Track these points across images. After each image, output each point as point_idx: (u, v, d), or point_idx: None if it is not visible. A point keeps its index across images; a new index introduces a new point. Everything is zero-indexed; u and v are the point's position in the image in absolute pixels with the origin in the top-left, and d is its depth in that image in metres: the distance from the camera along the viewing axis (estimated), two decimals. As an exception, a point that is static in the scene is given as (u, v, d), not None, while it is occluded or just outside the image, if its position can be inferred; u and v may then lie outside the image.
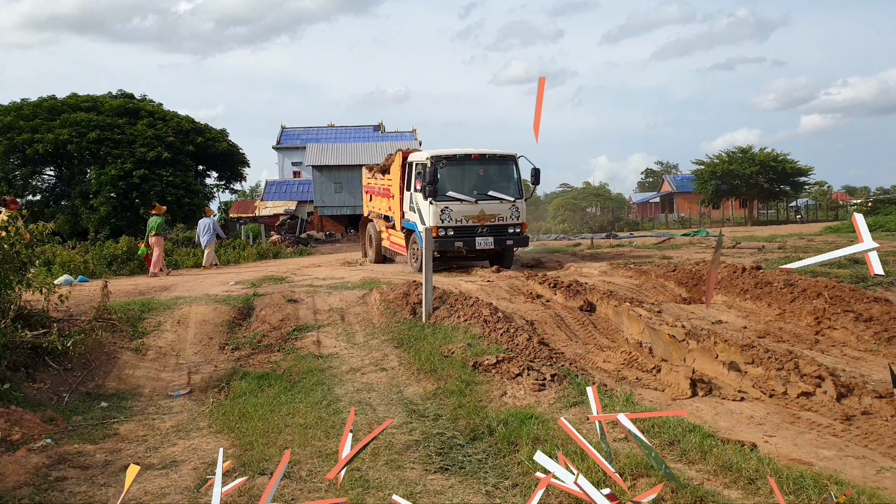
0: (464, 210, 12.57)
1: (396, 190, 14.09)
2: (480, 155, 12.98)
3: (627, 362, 6.95)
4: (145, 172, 28.37)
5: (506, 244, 12.97)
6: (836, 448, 4.60)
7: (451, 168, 12.70)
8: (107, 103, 31.19)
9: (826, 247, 15.16)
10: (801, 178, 45.24)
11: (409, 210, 13.44)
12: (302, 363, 7.57)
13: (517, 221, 13.02)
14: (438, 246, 12.20)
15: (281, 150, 56.46)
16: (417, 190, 12.91)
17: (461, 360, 6.84)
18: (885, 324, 7.72)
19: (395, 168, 14.20)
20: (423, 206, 12.64)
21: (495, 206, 12.78)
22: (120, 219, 28.87)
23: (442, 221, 12.43)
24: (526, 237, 13.44)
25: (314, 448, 5.10)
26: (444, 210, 12.46)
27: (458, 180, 12.80)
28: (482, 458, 4.83)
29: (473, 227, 12.70)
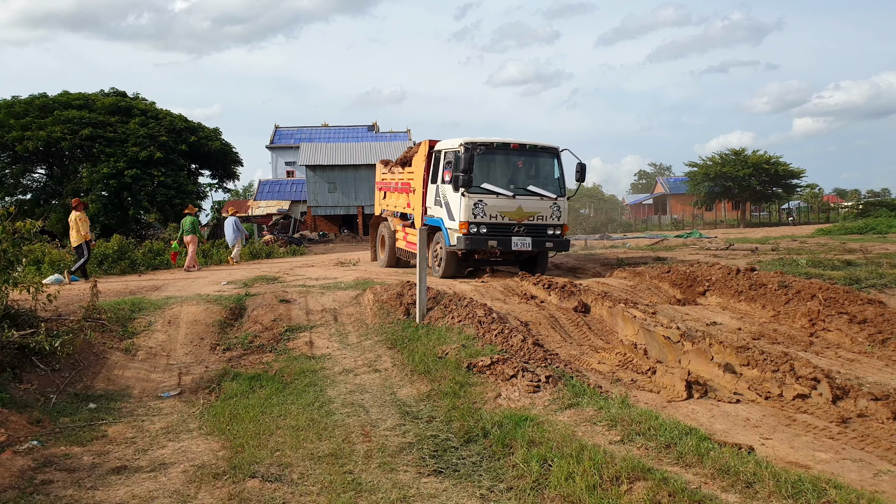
0: (499, 205, 11.22)
1: (419, 183, 12.73)
2: (520, 145, 11.62)
3: (622, 364, 6.91)
4: (137, 172, 28.17)
5: (544, 246, 11.56)
6: (833, 451, 4.56)
7: (487, 158, 11.39)
8: (99, 101, 30.94)
9: (819, 248, 15.20)
10: (794, 180, 45.49)
11: (435, 205, 12.09)
12: (294, 364, 7.49)
13: (558, 222, 11.68)
14: (469, 244, 11.06)
15: (274, 150, 56.32)
16: (446, 182, 11.58)
17: (455, 361, 6.78)
18: (879, 325, 7.72)
19: (420, 159, 12.86)
20: (453, 199, 11.30)
21: (535, 204, 11.47)
22: (110, 218, 28.65)
23: (474, 217, 11.06)
24: (567, 240, 12.03)
25: (306, 450, 5.03)
26: (478, 204, 11.09)
27: (494, 172, 11.51)
28: (476, 461, 4.77)
29: (509, 225, 11.32)
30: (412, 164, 13.33)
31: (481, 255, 11.70)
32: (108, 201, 28.35)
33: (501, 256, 11.90)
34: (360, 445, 5.15)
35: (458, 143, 11.28)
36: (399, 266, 14.27)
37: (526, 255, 12.00)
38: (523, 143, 11.63)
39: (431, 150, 12.44)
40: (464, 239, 11.04)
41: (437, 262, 12.13)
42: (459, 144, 11.18)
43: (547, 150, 11.81)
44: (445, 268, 11.75)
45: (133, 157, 28.39)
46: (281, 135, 58.37)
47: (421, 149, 12.87)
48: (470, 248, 11.10)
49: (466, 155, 10.87)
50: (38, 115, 28.47)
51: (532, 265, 12.29)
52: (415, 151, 13.39)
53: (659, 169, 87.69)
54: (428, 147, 12.52)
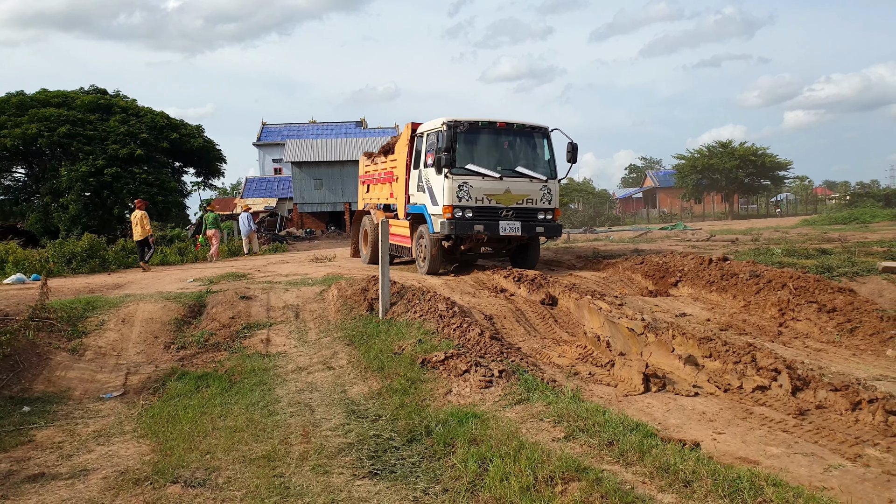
0: (486, 188, 10.45)
1: (402, 171, 11.98)
2: (507, 124, 10.82)
3: (582, 357, 6.70)
4: (118, 170, 27.78)
5: (535, 231, 10.77)
6: (786, 445, 4.36)
7: (472, 137, 10.68)
8: (78, 99, 30.50)
9: (798, 238, 15.03)
10: (781, 172, 45.46)
11: (418, 191, 11.33)
12: (247, 362, 7.24)
13: (549, 206, 10.89)
14: (454, 229, 10.22)
15: (261, 147, 55.91)
16: (429, 165, 10.85)
17: (410, 357, 6.55)
18: (849, 314, 7.54)
19: (402, 144, 12.07)
20: (436, 182, 10.57)
21: (524, 186, 10.69)
22: (92, 217, 28.28)
23: (459, 200, 10.29)
24: (559, 226, 11.19)
25: (239, 453, 4.79)
26: (463, 186, 10.32)
27: (480, 153, 10.74)
28: (416, 461, 4.55)
29: (497, 208, 10.55)
30: (395, 151, 12.66)
31: (468, 246, 11.03)
32: (89, 200, 27.96)
33: (489, 244, 11.24)
34: (297, 447, 4.91)
35: (441, 121, 10.52)
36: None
37: (516, 244, 11.34)
38: (510, 122, 10.86)
39: (414, 134, 11.72)
40: (448, 224, 10.27)
41: (421, 257, 11.36)
42: (442, 123, 10.45)
43: (536, 129, 11.07)
44: (431, 262, 10.99)
45: (113, 155, 28.00)
46: (268, 132, 57.96)
47: (403, 134, 12.15)
48: (455, 232, 10.33)
49: (449, 133, 10.07)
50: (15, 114, 28.03)
51: (523, 257, 11.60)
52: (398, 138, 12.73)
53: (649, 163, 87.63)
54: (411, 131, 11.78)
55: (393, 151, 12.74)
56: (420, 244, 11.34)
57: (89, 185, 27.49)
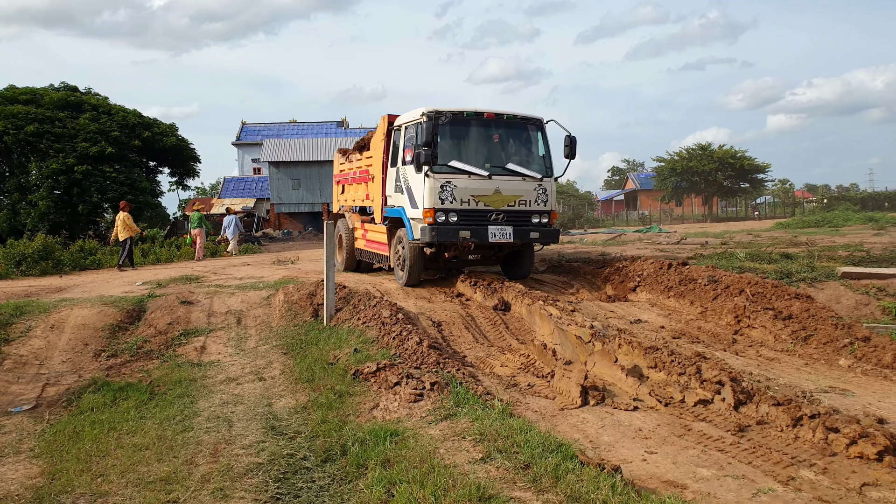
0: (472, 188, 9.12)
1: (378, 169, 10.66)
2: (496, 115, 9.48)
3: (524, 366, 6.40)
4: (88, 168, 27.14)
5: (529, 237, 9.43)
6: (718, 466, 4.08)
7: (456, 130, 9.34)
8: (47, 96, 29.80)
9: (768, 242, 14.86)
10: (759, 175, 45.61)
11: (396, 192, 10.00)
12: (175, 372, 6.86)
13: (545, 208, 9.57)
14: (436, 236, 8.89)
15: (241, 147, 55.29)
16: (407, 162, 9.46)
17: (343, 367, 6.21)
18: (804, 322, 7.31)
19: (378, 139, 10.75)
20: (416, 182, 9.20)
21: (516, 186, 9.37)
22: (60, 215, 27.63)
23: (441, 202, 8.94)
24: (556, 230, 9.87)
25: (136, 475, 4.42)
26: (445, 186, 8.99)
27: (466, 148, 9.49)
28: (326, 485, 4.21)
29: (485, 211, 9.19)
30: (370, 146, 11.36)
31: (453, 253, 9.70)
32: (58, 198, 27.30)
33: (477, 252, 9.82)
34: (202, 467, 4.55)
35: (420, 112, 9.15)
36: (361, 270, 12.41)
37: (507, 251, 10.06)
38: (500, 113, 9.50)
39: (391, 128, 10.39)
40: (429, 230, 8.89)
41: (400, 266, 10.04)
42: (421, 114, 9.06)
43: (529, 121, 9.72)
44: (410, 272, 9.67)
45: (83, 153, 27.35)
46: (248, 131, 57.33)
47: (379, 128, 10.79)
48: (437, 240, 8.95)
49: (429, 125, 8.70)
50: (-19, 111, 27.29)
51: (515, 265, 10.33)
52: (373, 133, 11.39)
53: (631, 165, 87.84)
54: (387, 124, 10.42)
55: (368, 148, 11.49)
56: (398, 252, 10.07)
57: (59, 183, 26.85)
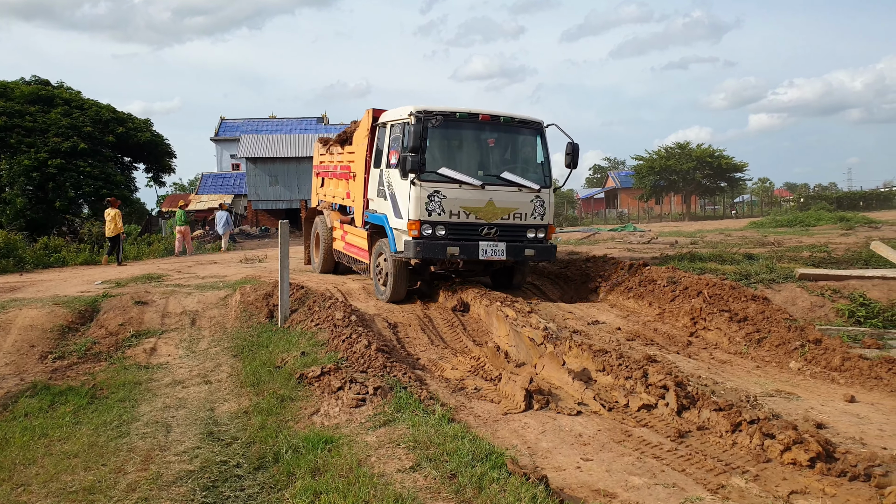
0: (463, 199, 8.33)
1: (360, 167, 9.75)
2: (492, 117, 8.66)
3: (474, 369, 6.33)
4: (62, 163, 26.66)
5: (523, 255, 8.64)
6: (650, 474, 4.03)
7: (447, 132, 8.52)
8: (17, 89, 29.19)
9: (738, 242, 14.94)
10: (737, 174, 46.04)
11: (379, 196, 9.13)
12: (121, 375, 6.70)
13: (541, 221, 8.81)
14: (421, 251, 8.13)
15: (219, 142, 54.73)
16: (392, 165, 8.64)
17: (290, 371, 6.10)
18: (759, 324, 7.32)
19: (361, 134, 9.87)
20: (401, 189, 8.38)
21: (511, 197, 8.59)
22: (35, 211, 27.13)
23: (429, 213, 8.19)
24: (552, 246, 9.03)
25: (59, 484, 4.29)
26: (434, 196, 8.18)
27: (457, 153, 8.72)
28: (255, 493, 4.11)
29: (476, 225, 8.44)
30: (352, 141, 10.46)
31: (440, 267, 9.01)
32: (32, 195, 26.78)
33: (466, 265, 9.00)
34: (131, 475, 4.43)
35: (408, 111, 8.34)
36: (339, 273, 11.57)
37: (499, 265, 9.22)
38: (496, 115, 8.70)
39: (375, 123, 9.53)
40: (413, 244, 8.12)
41: (381, 280, 9.16)
42: (409, 114, 8.27)
43: (528, 124, 8.94)
44: (393, 287, 8.81)
45: (55, 148, 26.86)
46: (226, 127, 56.75)
47: (363, 122, 9.90)
48: (422, 255, 8.19)
49: (417, 128, 7.93)
50: (-54, 105, 26.69)
51: (507, 277, 9.62)
52: (357, 126, 10.50)
53: (613, 163, 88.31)
54: (372, 119, 9.53)
55: (351, 142, 10.58)
56: (379, 264, 9.21)
57: (32, 178, 26.34)
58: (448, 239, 8.33)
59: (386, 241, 8.87)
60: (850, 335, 7.19)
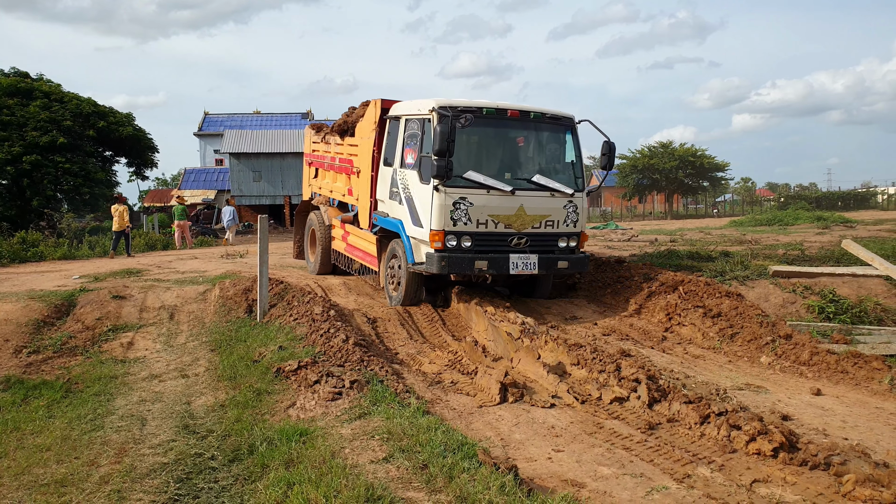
0: (492, 206, 7.61)
1: (366, 163, 9.00)
2: (521, 113, 7.89)
3: (451, 363, 6.38)
4: (38, 158, 26.28)
5: (556, 267, 7.99)
6: (619, 465, 4.12)
7: (471, 131, 7.69)
8: (-5, 82, 28.76)
9: (717, 240, 15.13)
10: (719, 173, 46.51)
11: (391, 199, 8.41)
12: (97, 369, 6.67)
13: (574, 229, 8.13)
14: (447, 266, 7.47)
15: (203, 137, 54.30)
16: (408, 165, 7.97)
17: (266, 365, 6.11)
18: (732, 320, 7.46)
19: (366, 127, 9.09)
20: (421, 195, 7.68)
21: (543, 203, 7.88)
22: (9, 207, 26.75)
23: (454, 222, 7.49)
24: (585, 257, 8.38)
25: (31, 477, 4.28)
26: (459, 204, 7.48)
27: (481, 154, 8.00)
28: (228, 485, 4.13)
29: (505, 235, 7.75)
30: (355, 132, 9.68)
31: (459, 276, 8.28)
32: (6, 190, 26.39)
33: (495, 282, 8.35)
34: (104, 468, 4.43)
35: (429, 106, 7.63)
36: (338, 273, 10.82)
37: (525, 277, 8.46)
38: (525, 110, 7.93)
39: (384, 115, 8.81)
40: (438, 258, 7.46)
41: (392, 285, 8.55)
42: (431, 109, 7.55)
43: (558, 120, 8.16)
44: (406, 293, 8.25)
45: (32, 143, 26.47)
46: (210, 122, 56.28)
47: (368, 113, 9.16)
48: (447, 271, 7.55)
49: (444, 128, 7.05)
50: (-82, 96, 26.22)
51: (529, 286, 8.92)
52: (359, 115, 9.68)
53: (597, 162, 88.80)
54: (379, 110, 8.82)
55: (353, 133, 9.74)
56: (392, 272, 8.56)
57: (7, 173, 25.96)
58: (476, 251, 7.65)
59: (400, 246, 8.27)
60: (820, 331, 7.34)
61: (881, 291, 8.59)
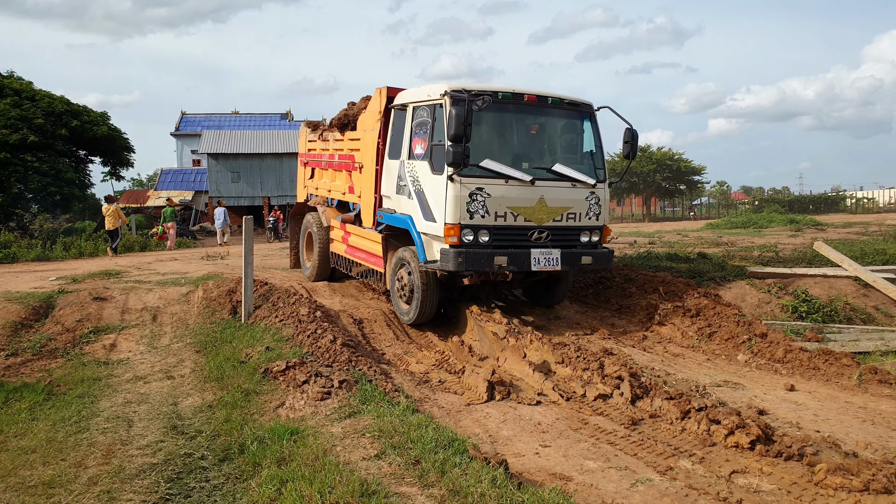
0: (510, 197, 7.01)
1: (369, 156, 8.32)
2: (538, 98, 7.34)
3: (439, 363, 6.47)
4: (6, 156, 25.75)
5: (580, 262, 7.41)
6: (604, 459, 4.24)
7: (487, 117, 7.11)
8: (-37, 80, 28.15)
9: (694, 242, 15.42)
10: (696, 176, 47.25)
11: (398, 193, 7.72)
12: (79, 371, 6.62)
13: (596, 223, 7.60)
14: (464, 263, 6.78)
15: (180, 137, 53.70)
16: (417, 156, 7.35)
17: (254, 366, 6.14)
18: (710, 319, 7.65)
19: (370, 118, 8.39)
20: (433, 186, 7.03)
21: (565, 194, 7.33)
22: (-27, 207, 26.12)
23: (470, 215, 6.84)
24: (609, 252, 7.75)
25: (18, 479, 4.26)
26: (476, 195, 6.85)
27: (498, 141, 7.39)
28: (219, 484, 4.16)
29: (525, 228, 7.16)
30: (357, 125, 8.90)
31: (475, 278, 7.42)
32: (-29, 189, 25.79)
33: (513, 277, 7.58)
34: (92, 469, 4.42)
35: (440, 91, 7.00)
36: (335, 280, 10.20)
37: (543, 276, 7.91)
38: (543, 95, 7.37)
39: (391, 107, 8.03)
40: (454, 254, 6.77)
41: (402, 293, 7.74)
42: (443, 94, 6.93)
43: (577, 106, 7.67)
44: (422, 305, 7.45)
45: (2, 141, 25.94)
46: (187, 121, 55.66)
47: (372, 103, 8.40)
48: (465, 268, 6.83)
49: (460, 111, 6.42)
50: None
51: (546, 289, 8.32)
52: (361, 107, 9.00)
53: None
54: (385, 99, 8.04)
55: (354, 127, 8.97)
56: (401, 277, 7.74)
57: (-27, 172, 25.40)
58: (494, 246, 6.98)
59: (410, 249, 7.52)
60: (793, 329, 7.57)
61: (850, 291, 8.87)
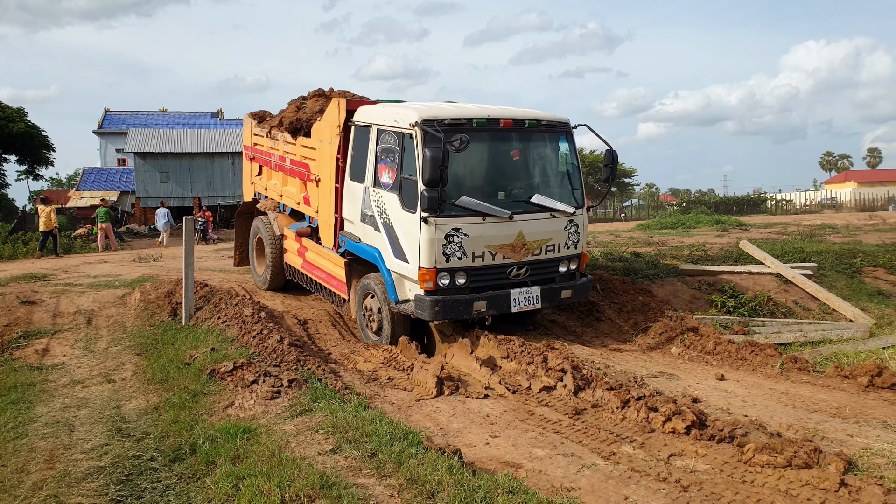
0: (488, 235, 6.53)
1: (327, 172, 7.67)
2: (515, 122, 6.83)
3: (386, 361, 6.55)
4: None
5: (559, 298, 7.08)
6: (551, 447, 4.45)
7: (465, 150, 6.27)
8: None
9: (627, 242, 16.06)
10: (627, 179, 49.11)
11: (363, 222, 7.13)
12: (10, 377, 6.34)
13: (574, 251, 7.18)
14: (441, 310, 6.37)
15: (104, 136, 51.28)
16: (385, 186, 6.74)
17: (199, 367, 6.05)
18: (645, 315, 8.05)
19: (328, 129, 7.71)
20: (405, 224, 6.51)
21: (543, 226, 6.85)
22: None
23: (447, 259, 6.38)
24: (588, 281, 7.45)
25: (-46, 487, 4.08)
26: (452, 236, 6.36)
27: (472, 173, 6.87)
28: (172, 484, 4.12)
29: (503, 266, 6.71)
30: (311, 133, 8.19)
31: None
32: None
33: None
34: (35, 474, 4.29)
35: (410, 119, 6.40)
36: (290, 290, 9.43)
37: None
38: (520, 118, 6.89)
39: (350, 120, 7.40)
40: (430, 302, 6.35)
41: (371, 325, 7.25)
42: (413, 123, 6.34)
43: (554, 127, 7.17)
44: (392, 334, 6.97)
45: None
46: (111, 119, 53.21)
47: (330, 115, 7.72)
48: (442, 317, 6.47)
49: (435, 152, 5.93)
50: None
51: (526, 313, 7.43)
52: (314, 110, 8.37)
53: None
54: (344, 113, 7.41)
55: (308, 133, 8.29)
56: (369, 305, 7.25)
57: None
58: (472, 288, 6.59)
59: (378, 283, 6.99)
60: (722, 323, 8.07)
61: (773, 287, 9.52)
